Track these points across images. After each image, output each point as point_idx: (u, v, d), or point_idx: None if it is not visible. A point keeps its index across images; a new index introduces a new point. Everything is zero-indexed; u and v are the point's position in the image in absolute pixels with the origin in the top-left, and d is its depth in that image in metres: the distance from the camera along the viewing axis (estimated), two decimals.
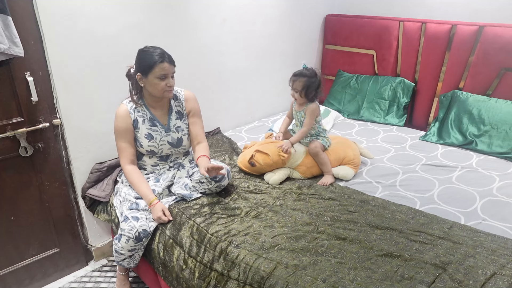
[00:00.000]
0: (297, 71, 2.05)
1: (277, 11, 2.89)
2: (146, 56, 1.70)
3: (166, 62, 1.71)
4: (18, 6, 1.72)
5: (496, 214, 1.75)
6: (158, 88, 1.74)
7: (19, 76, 1.80)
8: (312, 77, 2.01)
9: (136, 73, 1.74)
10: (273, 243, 1.50)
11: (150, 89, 1.76)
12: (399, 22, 2.86)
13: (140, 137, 1.82)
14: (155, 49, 1.72)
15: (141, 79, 1.74)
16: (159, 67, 1.69)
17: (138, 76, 1.74)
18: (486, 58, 2.48)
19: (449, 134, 2.52)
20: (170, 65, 1.73)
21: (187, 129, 1.93)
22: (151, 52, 1.71)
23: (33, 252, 2.08)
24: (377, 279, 1.31)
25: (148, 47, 1.74)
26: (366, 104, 2.99)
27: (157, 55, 1.70)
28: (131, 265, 1.81)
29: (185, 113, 1.94)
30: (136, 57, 1.75)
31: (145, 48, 1.75)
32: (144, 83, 1.75)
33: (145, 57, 1.70)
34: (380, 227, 1.60)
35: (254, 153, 2.01)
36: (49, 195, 2.05)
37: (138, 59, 1.74)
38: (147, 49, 1.73)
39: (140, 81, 1.75)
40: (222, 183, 1.85)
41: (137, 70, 1.74)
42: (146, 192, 1.77)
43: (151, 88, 1.75)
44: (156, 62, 1.69)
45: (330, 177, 2.04)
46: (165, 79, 1.73)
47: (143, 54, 1.72)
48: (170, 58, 1.74)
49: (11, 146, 1.87)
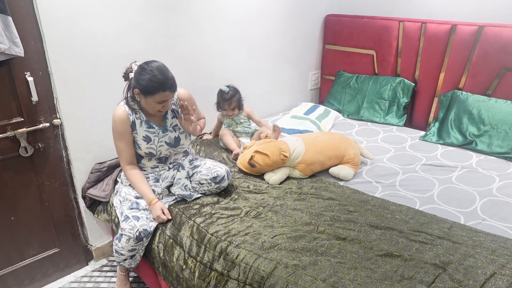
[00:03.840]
0: (225, 95, 2.30)
1: (277, 11, 2.89)
2: (151, 81, 1.62)
3: (168, 91, 1.66)
4: (18, 6, 1.72)
5: (496, 214, 1.75)
6: (154, 109, 1.72)
7: (19, 76, 1.80)
8: (238, 92, 2.34)
9: (135, 88, 1.68)
10: (273, 243, 1.50)
11: (145, 106, 1.73)
12: (399, 22, 2.86)
13: (138, 140, 1.81)
14: (160, 72, 1.63)
15: (139, 95, 1.68)
16: (159, 95, 1.65)
17: (136, 91, 1.68)
18: (486, 58, 2.48)
19: (449, 134, 2.52)
20: (172, 93, 1.68)
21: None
22: (156, 78, 1.62)
23: (33, 252, 2.08)
24: (377, 279, 1.31)
25: (153, 68, 1.64)
26: (366, 104, 2.99)
27: (162, 83, 1.63)
28: (132, 266, 1.81)
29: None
30: (138, 73, 1.66)
31: (149, 68, 1.64)
32: (140, 99, 1.71)
33: (149, 82, 1.62)
34: (380, 227, 1.60)
35: (254, 154, 2.01)
36: (49, 195, 2.05)
37: (139, 78, 1.65)
38: (151, 71, 1.63)
39: (137, 95, 1.70)
40: (222, 184, 1.85)
41: (135, 85, 1.68)
42: (146, 191, 1.78)
43: (147, 106, 1.72)
44: (158, 90, 1.64)
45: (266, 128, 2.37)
46: (162, 103, 1.70)
47: (146, 75, 1.63)
48: (173, 85, 1.67)
49: (11, 146, 1.87)
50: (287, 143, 2.09)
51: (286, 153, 2.01)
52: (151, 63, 1.66)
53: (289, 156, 2.03)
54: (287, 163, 2.06)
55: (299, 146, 2.08)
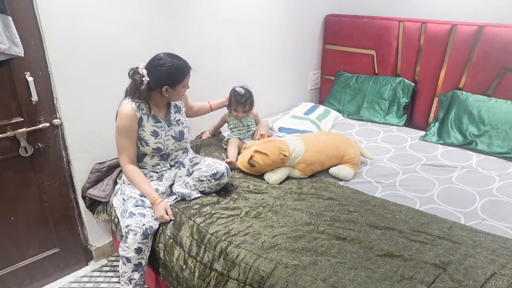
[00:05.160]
0: (240, 97, 2.27)
1: (277, 11, 2.89)
2: (175, 70, 1.73)
3: (190, 71, 1.80)
4: (18, 6, 1.72)
5: (496, 214, 1.75)
6: (181, 94, 1.84)
7: (19, 76, 1.80)
8: (251, 94, 2.31)
9: (162, 86, 1.74)
10: (273, 243, 1.50)
11: (174, 97, 1.83)
12: (399, 22, 2.86)
13: (146, 135, 1.81)
14: (175, 59, 1.74)
15: (167, 90, 1.77)
16: (187, 78, 1.79)
17: (164, 89, 1.75)
18: (486, 58, 2.48)
19: (449, 134, 2.52)
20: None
21: (186, 122, 1.97)
22: (177, 66, 1.74)
23: (33, 252, 2.08)
24: (377, 279, 1.31)
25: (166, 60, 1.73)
26: (366, 104, 2.99)
27: (184, 67, 1.76)
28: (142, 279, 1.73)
29: (182, 106, 2.00)
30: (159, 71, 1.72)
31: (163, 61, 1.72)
32: (169, 94, 1.78)
33: (174, 72, 1.73)
34: (380, 227, 1.60)
35: (253, 154, 2.01)
36: (49, 195, 2.05)
37: (164, 73, 1.72)
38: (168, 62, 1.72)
39: (164, 92, 1.77)
40: (222, 181, 1.86)
41: (162, 84, 1.74)
42: (149, 190, 1.77)
43: (175, 96, 1.83)
44: (185, 74, 1.77)
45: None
46: (186, 85, 1.83)
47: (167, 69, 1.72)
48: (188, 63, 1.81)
49: (11, 146, 1.87)
50: (287, 143, 2.09)
51: (285, 152, 2.01)
52: (160, 58, 1.75)
53: (289, 155, 2.03)
54: (287, 162, 2.06)
55: (298, 145, 2.08)
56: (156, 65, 1.73)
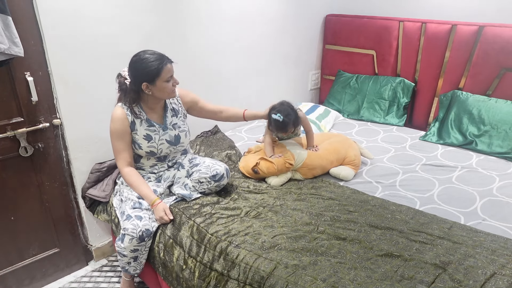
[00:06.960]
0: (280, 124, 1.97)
1: (277, 11, 2.89)
2: (148, 64, 1.65)
3: (168, 64, 1.69)
4: (18, 6, 1.72)
5: (496, 214, 1.75)
6: (167, 90, 1.73)
7: (19, 76, 1.80)
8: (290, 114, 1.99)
9: (141, 83, 1.69)
10: (273, 243, 1.50)
11: (158, 94, 1.74)
12: (399, 22, 2.86)
13: (139, 139, 1.81)
14: (152, 55, 1.67)
15: (147, 87, 1.71)
16: (164, 71, 1.68)
17: (144, 86, 1.70)
18: (486, 58, 2.48)
19: (449, 134, 2.52)
20: (171, 64, 1.72)
21: (183, 126, 1.93)
22: (151, 59, 1.66)
23: (33, 252, 2.08)
24: (377, 279, 1.31)
25: (143, 55, 1.68)
26: (366, 104, 2.99)
27: (159, 60, 1.66)
28: (137, 271, 1.79)
29: (181, 109, 1.94)
30: (134, 67, 1.69)
31: (141, 56, 1.68)
32: (151, 90, 1.72)
33: (147, 65, 1.65)
34: (380, 227, 1.60)
35: (259, 161, 2.01)
36: (49, 195, 2.05)
37: (138, 69, 1.67)
38: (144, 57, 1.67)
39: (146, 90, 1.71)
40: (221, 182, 1.85)
41: (140, 80, 1.69)
42: (148, 192, 1.77)
43: (160, 93, 1.73)
44: (162, 67, 1.66)
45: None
46: (171, 80, 1.73)
47: (143, 63, 1.66)
48: (169, 58, 1.71)
49: (11, 146, 1.87)
50: (291, 151, 2.08)
51: (291, 161, 2.00)
52: (134, 55, 1.70)
53: (294, 164, 2.02)
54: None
55: (301, 152, 2.09)
56: (131, 63, 1.70)
